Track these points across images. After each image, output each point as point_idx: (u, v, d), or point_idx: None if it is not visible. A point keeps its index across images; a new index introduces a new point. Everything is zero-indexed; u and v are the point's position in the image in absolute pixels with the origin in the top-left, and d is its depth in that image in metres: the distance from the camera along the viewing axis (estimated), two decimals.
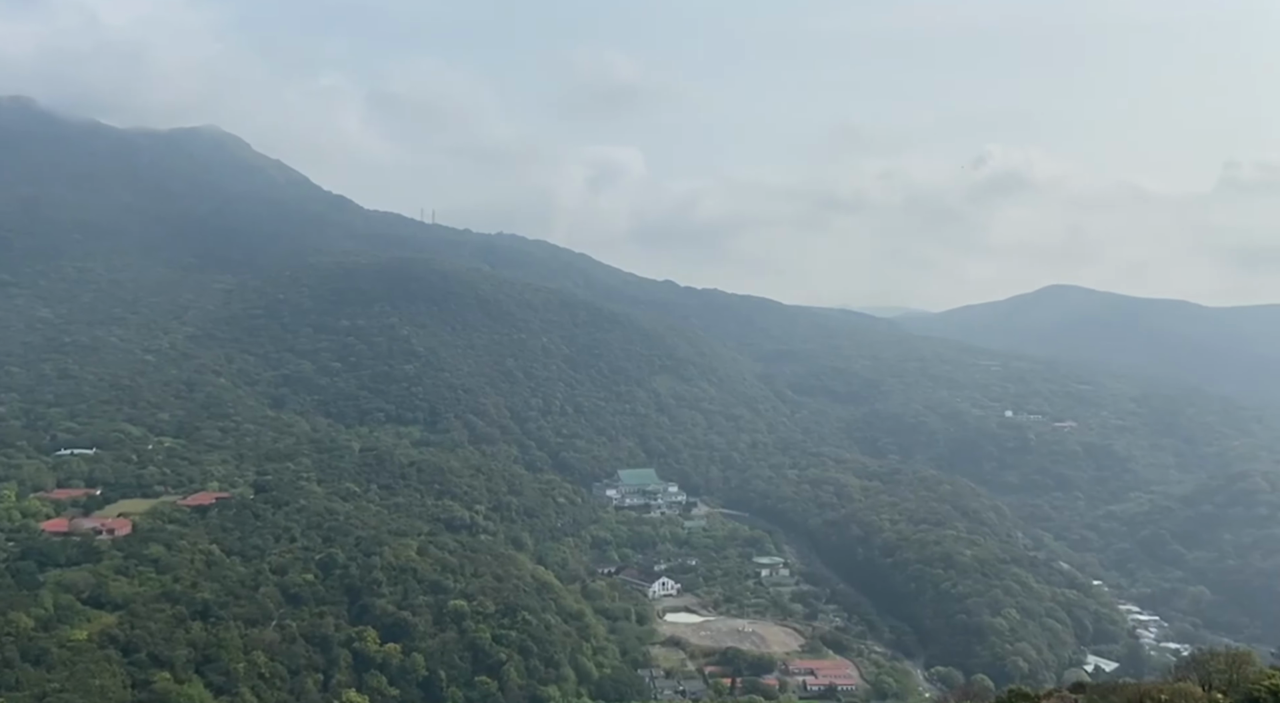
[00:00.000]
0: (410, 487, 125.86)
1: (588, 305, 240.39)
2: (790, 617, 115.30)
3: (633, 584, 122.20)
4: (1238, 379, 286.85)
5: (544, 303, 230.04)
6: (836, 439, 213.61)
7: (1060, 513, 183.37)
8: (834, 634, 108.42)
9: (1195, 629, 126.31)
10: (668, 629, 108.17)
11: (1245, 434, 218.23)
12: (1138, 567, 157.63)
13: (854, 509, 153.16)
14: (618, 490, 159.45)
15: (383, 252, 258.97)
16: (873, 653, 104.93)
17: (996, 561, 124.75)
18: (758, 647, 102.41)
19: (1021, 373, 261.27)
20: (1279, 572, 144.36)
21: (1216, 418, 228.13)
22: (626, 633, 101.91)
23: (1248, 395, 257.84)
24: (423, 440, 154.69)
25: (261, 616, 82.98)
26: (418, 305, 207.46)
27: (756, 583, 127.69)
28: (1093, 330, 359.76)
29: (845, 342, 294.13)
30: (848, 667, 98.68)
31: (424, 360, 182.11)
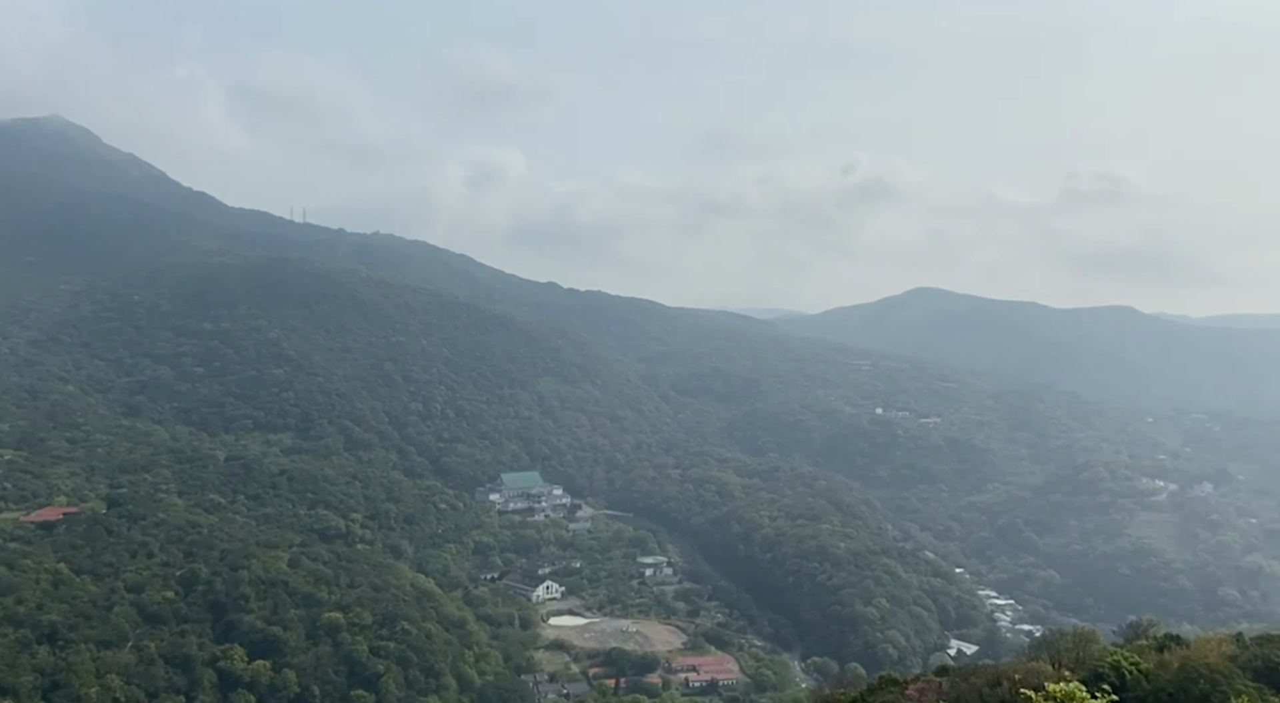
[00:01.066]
0: (281, 497, 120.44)
1: (469, 307, 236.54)
2: (674, 615, 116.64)
3: (517, 589, 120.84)
4: (1082, 375, 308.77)
5: (423, 305, 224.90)
6: (718, 439, 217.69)
7: (926, 505, 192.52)
8: (716, 630, 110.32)
9: (1046, 611, 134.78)
10: (552, 633, 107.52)
11: (1089, 427, 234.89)
12: (995, 554, 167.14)
13: (735, 507, 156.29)
14: (501, 494, 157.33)
15: (249, 251, 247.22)
16: (753, 647, 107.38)
17: (868, 552, 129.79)
18: (642, 646, 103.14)
19: (890, 372, 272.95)
20: (1119, 555, 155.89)
21: (1064, 412, 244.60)
22: (510, 639, 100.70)
23: (1090, 390, 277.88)
24: (294, 448, 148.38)
25: (116, 637, 77.58)
26: (288, 307, 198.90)
27: (641, 583, 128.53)
28: (954, 330, 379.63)
29: (726, 343, 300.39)
30: (729, 662, 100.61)
31: (295, 365, 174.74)
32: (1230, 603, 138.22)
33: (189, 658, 77.94)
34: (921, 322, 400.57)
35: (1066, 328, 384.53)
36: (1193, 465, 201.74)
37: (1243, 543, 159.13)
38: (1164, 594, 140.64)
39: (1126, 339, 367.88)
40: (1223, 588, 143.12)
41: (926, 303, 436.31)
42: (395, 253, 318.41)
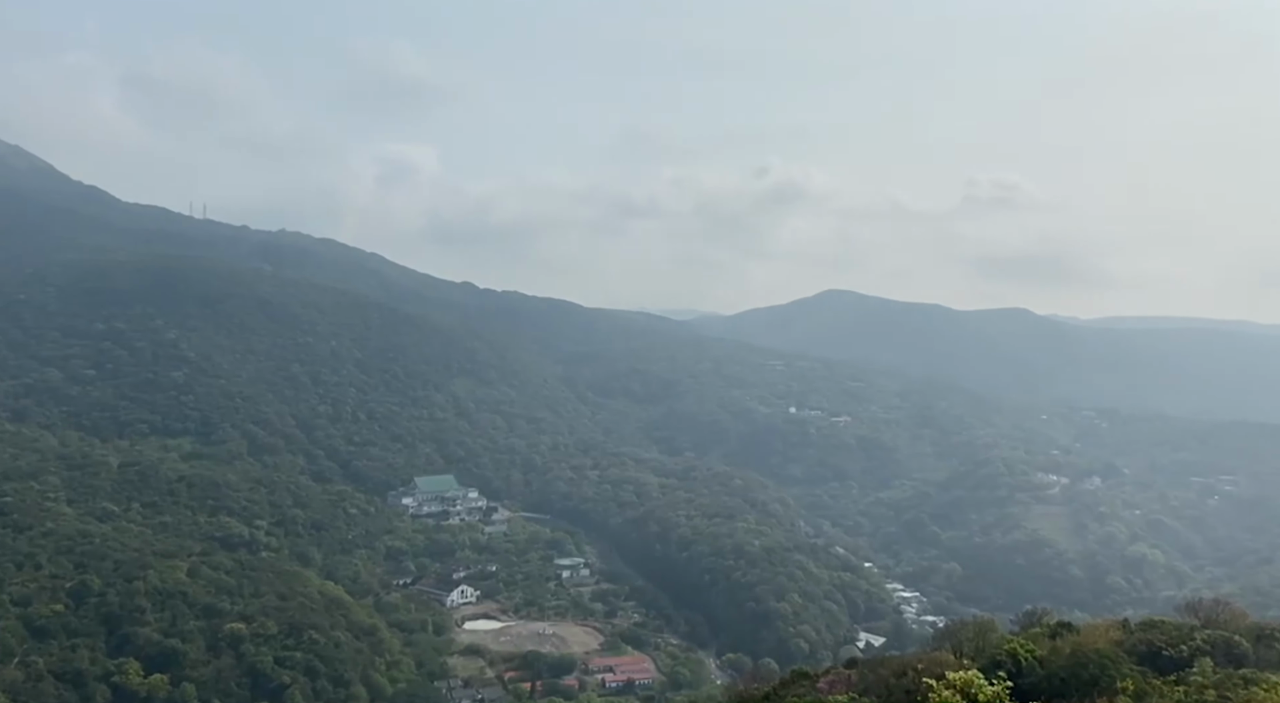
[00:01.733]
0: (180, 504, 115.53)
1: (381, 307, 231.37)
2: (591, 616, 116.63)
3: (430, 594, 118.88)
4: (982, 374, 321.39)
5: (333, 305, 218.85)
6: (636, 439, 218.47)
7: (837, 501, 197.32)
8: (632, 630, 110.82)
9: (949, 602, 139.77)
10: (467, 638, 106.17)
11: (988, 424, 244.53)
12: (902, 548, 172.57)
13: (652, 507, 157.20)
14: (414, 498, 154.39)
15: (145, 248, 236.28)
16: (669, 645, 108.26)
17: (782, 549, 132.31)
18: (558, 648, 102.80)
19: (803, 372, 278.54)
20: (1016, 547, 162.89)
21: (965, 410, 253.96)
22: (423, 645, 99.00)
23: (989, 389, 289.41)
24: (194, 453, 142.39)
25: (1, 653, 73.18)
26: (187, 307, 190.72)
27: (558, 585, 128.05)
28: (863, 331, 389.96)
29: (644, 343, 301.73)
30: (645, 661, 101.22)
31: (195, 367, 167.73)
32: (1117, 590, 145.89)
33: (80, 673, 74.16)
34: (833, 323, 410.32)
35: (967, 329, 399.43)
36: (1082, 460, 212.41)
37: (1128, 533, 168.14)
38: (1057, 583, 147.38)
39: (1022, 340, 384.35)
40: (1110, 576, 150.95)
41: (837, 304, 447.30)
42: (302, 251, 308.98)
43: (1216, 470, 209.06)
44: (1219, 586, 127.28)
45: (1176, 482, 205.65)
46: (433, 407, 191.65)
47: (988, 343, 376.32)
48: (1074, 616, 66.66)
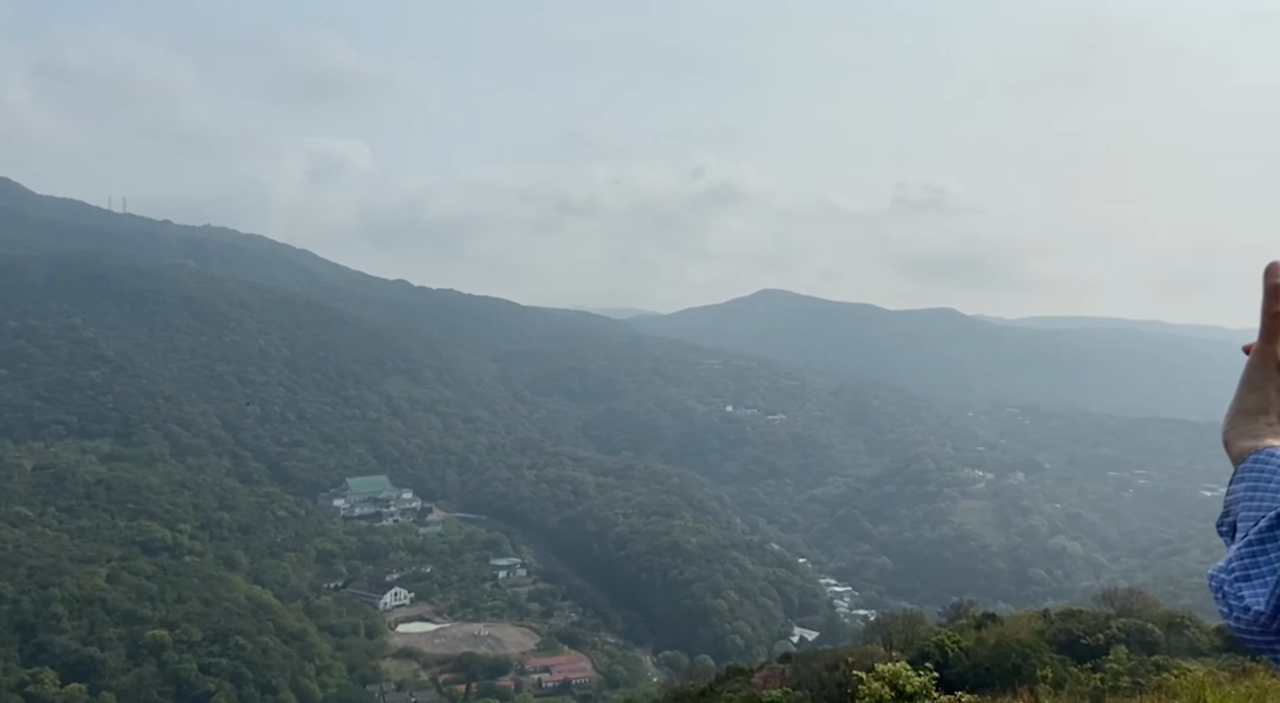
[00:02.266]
0: (98, 508, 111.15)
1: (312, 305, 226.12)
2: (527, 616, 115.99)
3: (362, 597, 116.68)
4: (912, 372, 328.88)
5: (261, 302, 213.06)
6: (574, 438, 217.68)
7: (772, 498, 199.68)
8: (569, 630, 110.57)
9: (880, 596, 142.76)
10: (400, 641, 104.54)
11: (918, 421, 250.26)
12: (835, 543, 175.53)
13: (590, 506, 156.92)
14: (346, 500, 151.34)
15: (61, 243, 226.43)
16: (606, 644, 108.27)
17: (718, 546, 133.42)
18: (494, 650, 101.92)
19: (740, 370, 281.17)
20: (944, 541, 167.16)
21: (896, 407, 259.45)
22: (355, 649, 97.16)
23: (919, 387, 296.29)
24: (114, 455, 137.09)
25: None
26: (106, 304, 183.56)
27: (494, 585, 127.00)
28: (798, 330, 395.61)
29: (582, 342, 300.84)
30: (582, 660, 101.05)
31: (115, 365, 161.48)
32: (1038, 582, 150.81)
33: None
34: (768, 322, 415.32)
35: (898, 328, 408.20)
36: (1007, 456, 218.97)
37: (1049, 526, 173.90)
38: (982, 576, 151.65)
39: (950, 339, 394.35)
40: (1032, 568, 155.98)
41: (773, 304, 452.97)
42: (229, 247, 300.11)
43: (1131, 465, 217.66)
44: (1133, 575, 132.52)
45: (1094, 476, 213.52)
46: (365, 406, 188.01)
47: (918, 342, 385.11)
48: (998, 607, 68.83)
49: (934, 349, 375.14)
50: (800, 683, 38.17)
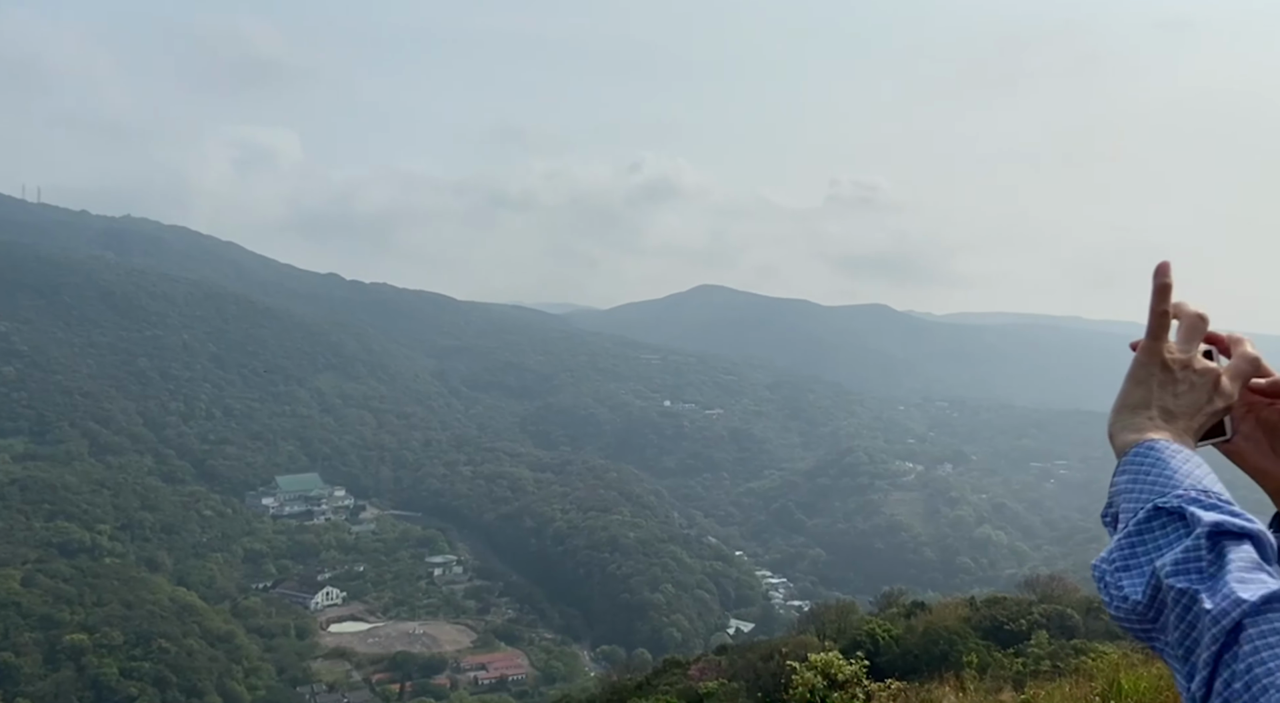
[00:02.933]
0: (11, 508, 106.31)
1: (239, 298, 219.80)
2: (463, 614, 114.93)
3: (293, 597, 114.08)
4: (846, 368, 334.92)
5: (185, 296, 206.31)
6: (511, 434, 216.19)
7: (710, 492, 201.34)
8: (506, 627, 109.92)
9: (814, 587, 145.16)
10: (332, 641, 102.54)
11: (852, 415, 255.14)
12: (770, 536, 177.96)
13: (527, 502, 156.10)
14: (276, 498, 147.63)
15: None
16: (543, 640, 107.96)
17: (656, 540, 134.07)
18: (429, 648, 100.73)
19: (678, 366, 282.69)
20: (875, 532, 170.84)
21: (831, 402, 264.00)
22: (285, 650, 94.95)
23: (853, 382, 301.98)
24: (28, 454, 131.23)
25: None
26: (19, 297, 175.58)
27: (429, 583, 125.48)
28: (735, 326, 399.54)
29: (519, 337, 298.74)
30: (519, 657, 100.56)
31: (28, 361, 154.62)
32: (965, 570, 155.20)
33: None
34: (706, 317, 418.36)
35: (832, 324, 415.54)
36: (936, 448, 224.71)
37: (975, 516, 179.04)
38: (912, 565, 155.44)
39: (882, 334, 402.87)
40: (959, 557, 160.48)
41: (710, 299, 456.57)
42: (150, 238, 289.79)
43: (1053, 456, 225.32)
44: (1054, 563, 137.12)
45: (1018, 467, 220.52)
46: (295, 403, 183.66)
47: (851, 337, 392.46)
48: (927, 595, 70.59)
49: (867, 344, 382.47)
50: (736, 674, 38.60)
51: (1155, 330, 1.17)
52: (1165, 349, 1.17)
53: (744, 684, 35.21)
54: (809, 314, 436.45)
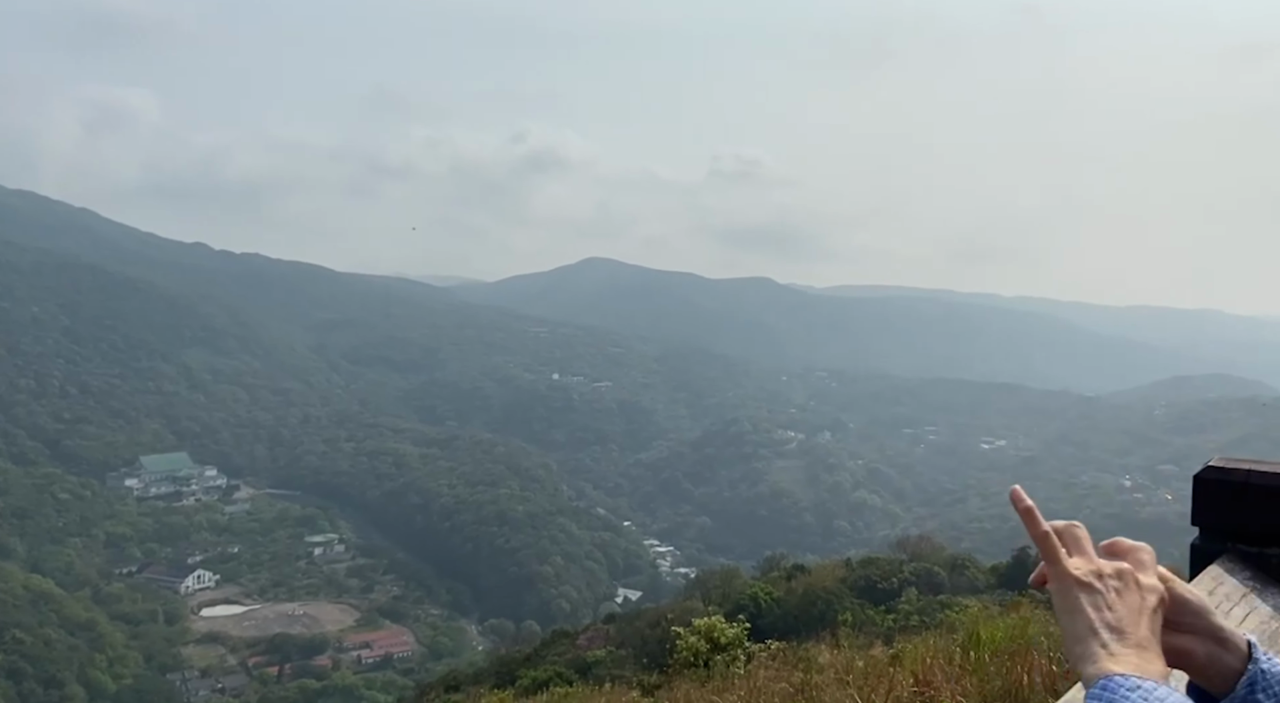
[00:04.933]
0: None
1: (95, 269, 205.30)
2: (346, 593, 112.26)
3: (161, 582, 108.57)
4: (732, 339, 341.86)
5: (32, 265, 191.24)
6: (395, 409, 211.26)
7: (599, 464, 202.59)
8: (391, 604, 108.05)
9: (700, 554, 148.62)
10: (205, 625, 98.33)
11: (738, 386, 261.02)
12: (658, 506, 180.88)
13: (413, 478, 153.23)
14: (140, 479, 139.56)
15: None
16: (430, 616, 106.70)
17: (545, 513, 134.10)
18: (309, 629, 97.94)
19: (567, 339, 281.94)
20: (759, 499, 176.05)
21: (718, 373, 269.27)
22: (153, 636, 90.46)
23: (738, 353, 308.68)
24: None
25: None
26: None
27: (309, 563, 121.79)
28: (623, 298, 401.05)
29: (403, 310, 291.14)
30: (404, 634, 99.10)
31: None
32: (843, 533, 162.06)
33: None
34: (594, 290, 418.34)
35: (718, 297, 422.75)
36: (816, 417, 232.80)
37: (852, 482, 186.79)
38: (793, 530, 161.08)
39: (766, 307, 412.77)
40: (837, 521, 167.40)
41: (598, 272, 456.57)
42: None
43: (923, 422, 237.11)
44: (924, 523, 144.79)
45: (892, 433, 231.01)
46: (161, 379, 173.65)
47: (737, 310, 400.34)
48: (807, 558, 73.26)
49: (751, 317, 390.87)
50: (624, 642, 39.16)
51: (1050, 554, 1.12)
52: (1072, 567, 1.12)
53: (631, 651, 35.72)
54: (696, 287, 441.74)
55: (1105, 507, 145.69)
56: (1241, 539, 1.86)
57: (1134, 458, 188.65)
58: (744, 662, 14.49)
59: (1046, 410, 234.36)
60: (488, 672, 39.25)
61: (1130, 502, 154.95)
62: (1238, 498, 2.49)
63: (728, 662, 14.54)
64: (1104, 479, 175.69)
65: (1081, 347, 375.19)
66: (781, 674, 9.52)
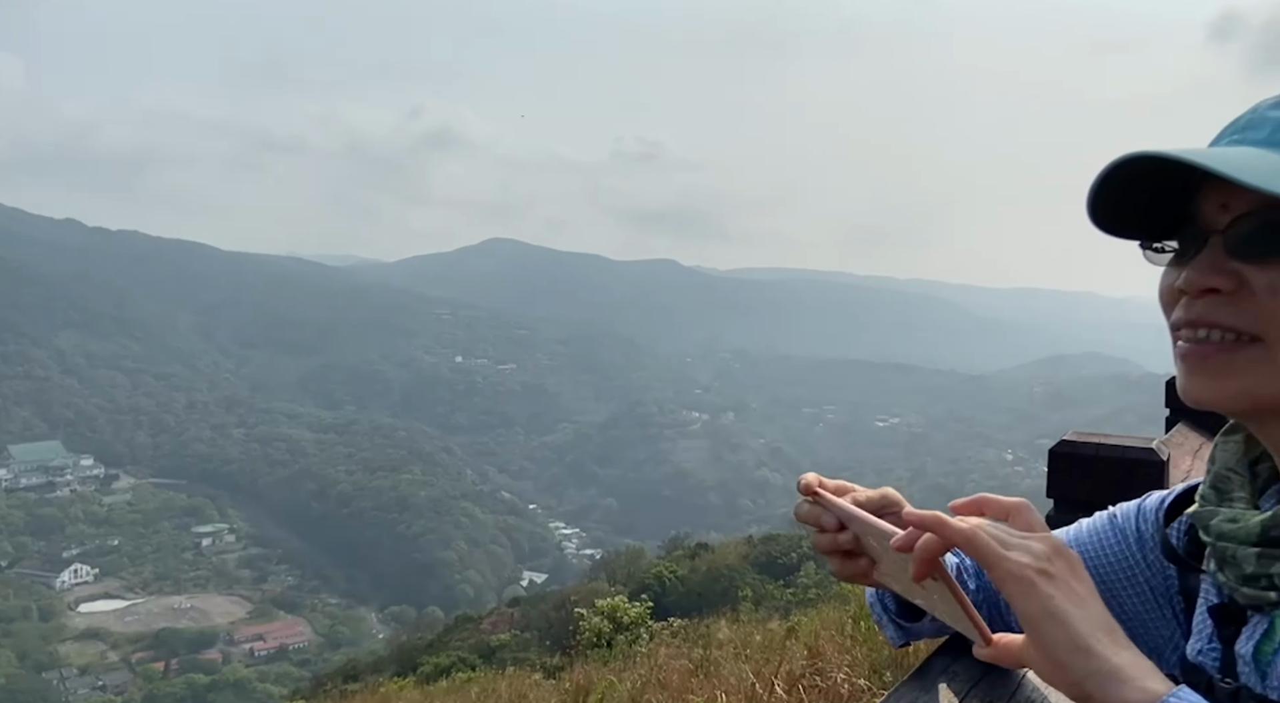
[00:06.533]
0: None
1: None
2: (237, 585, 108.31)
3: (34, 577, 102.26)
4: (637, 322, 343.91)
5: None
6: (289, 393, 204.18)
7: (504, 447, 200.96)
8: (286, 595, 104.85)
9: (606, 535, 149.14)
10: (83, 622, 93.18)
11: (642, 368, 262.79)
12: (564, 488, 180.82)
13: (308, 464, 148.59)
14: (8, 470, 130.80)
15: None
16: (327, 606, 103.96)
17: (448, 498, 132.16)
18: (198, 622, 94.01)
19: (470, 321, 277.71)
20: (664, 479, 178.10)
21: (622, 355, 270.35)
22: (27, 634, 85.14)
23: (643, 335, 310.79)
24: None
25: None
26: None
27: (197, 554, 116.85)
28: (528, 280, 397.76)
29: (296, 291, 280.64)
30: (300, 624, 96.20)
31: None
32: (746, 511, 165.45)
33: None
34: (498, 271, 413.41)
35: (622, 278, 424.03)
36: (720, 398, 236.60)
37: (755, 460, 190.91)
38: (698, 509, 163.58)
39: (671, 289, 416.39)
40: (740, 499, 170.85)
41: (502, 253, 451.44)
42: None
43: (822, 401, 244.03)
44: None
45: (792, 413, 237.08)
46: (30, 363, 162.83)
47: (641, 292, 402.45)
48: (711, 537, 74.28)
49: (656, 299, 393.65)
50: (529, 625, 38.78)
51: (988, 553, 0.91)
52: (1018, 560, 0.89)
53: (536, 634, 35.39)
54: (600, 268, 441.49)
55: (989, 480, 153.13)
56: (1091, 511, 2.07)
57: (1016, 434, 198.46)
58: (646, 641, 14.41)
59: (936, 389, 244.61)
60: (388, 660, 38.30)
61: (1011, 474, 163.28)
62: (1087, 471, 2.60)
63: (630, 641, 14.42)
64: (988, 454, 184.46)
65: (969, 327, 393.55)
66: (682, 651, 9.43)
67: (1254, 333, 0.79)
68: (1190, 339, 0.84)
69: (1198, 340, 0.83)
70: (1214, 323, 0.81)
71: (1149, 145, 0.80)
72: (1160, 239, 0.89)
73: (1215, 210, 0.83)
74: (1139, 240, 0.92)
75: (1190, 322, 0.84)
